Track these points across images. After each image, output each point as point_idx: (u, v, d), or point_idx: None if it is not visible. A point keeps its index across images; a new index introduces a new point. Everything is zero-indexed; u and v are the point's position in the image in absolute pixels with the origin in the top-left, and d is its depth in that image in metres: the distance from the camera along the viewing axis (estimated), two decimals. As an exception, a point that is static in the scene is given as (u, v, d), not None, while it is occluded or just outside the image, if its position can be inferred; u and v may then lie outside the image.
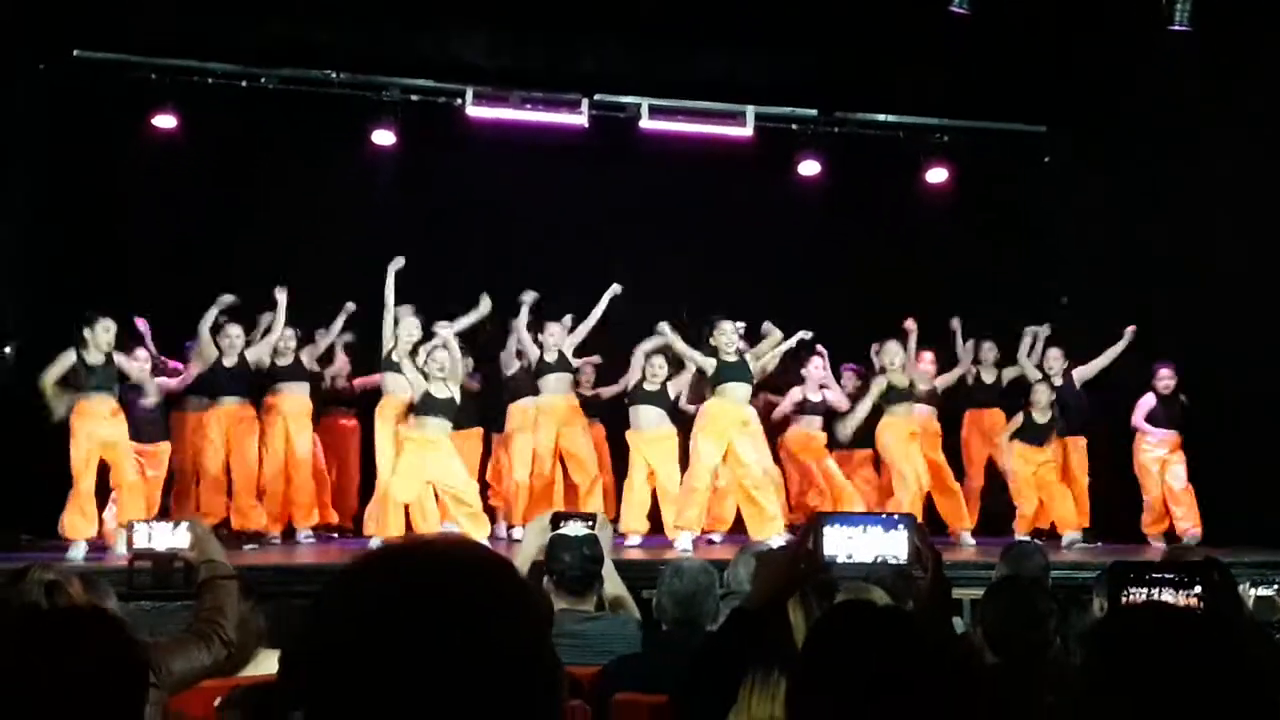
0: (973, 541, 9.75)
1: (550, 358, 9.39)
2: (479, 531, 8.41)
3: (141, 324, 9.25)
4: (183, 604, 3.91)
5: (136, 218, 10.52)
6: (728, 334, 8.85)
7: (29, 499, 8.61)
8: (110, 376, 8.28)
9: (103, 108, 10.10)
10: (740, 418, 8.91)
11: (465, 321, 9.09)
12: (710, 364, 8.90)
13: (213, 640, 3.17)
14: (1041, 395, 9.76)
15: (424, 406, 8.53)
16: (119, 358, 8.41)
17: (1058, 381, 10.03)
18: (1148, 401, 9.80)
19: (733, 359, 8.88)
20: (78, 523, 8.06)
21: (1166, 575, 2.96)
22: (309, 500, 9.39)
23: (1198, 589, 2.91)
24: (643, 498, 9.14)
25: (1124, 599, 2.91)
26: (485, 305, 9.18)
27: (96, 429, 8.19)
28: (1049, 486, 9.83)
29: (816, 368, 9.91)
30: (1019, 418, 9.87)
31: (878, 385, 9.60)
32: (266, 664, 3.68)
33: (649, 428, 9.17)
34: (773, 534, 8.36)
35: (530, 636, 1.16)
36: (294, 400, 9.30)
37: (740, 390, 8.92)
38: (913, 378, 9.68)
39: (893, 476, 9.69)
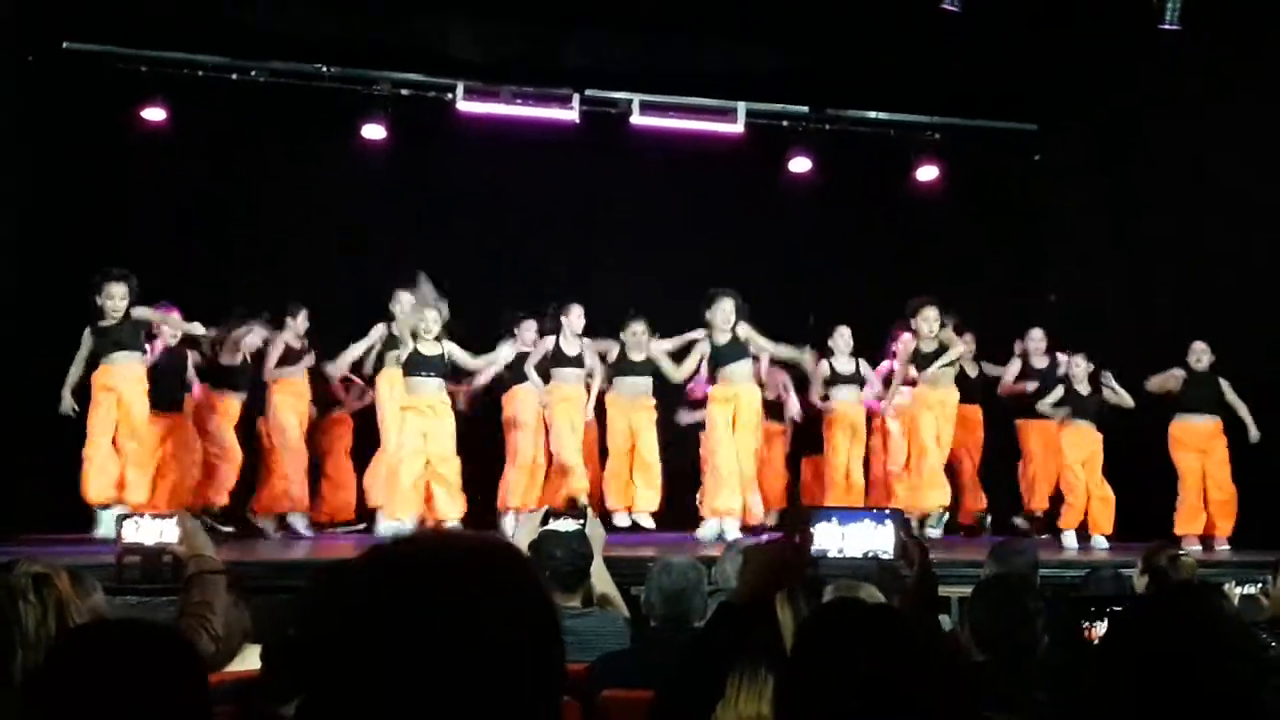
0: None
1: (570, 351, 9.19)
2: (454, 505, 8.44)
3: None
4: (169, 598, 3.88)
5: (125, 210, 10.47)
6: (724, 311, 8.72)
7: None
8: (133, 335, 7.98)
9: (92, 100, 10.03)
10: (741, 398, 8.86)
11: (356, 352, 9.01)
12: (705, 349, 8.83)
13: (200, 635, 3.16)
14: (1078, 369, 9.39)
15: (411, 365, 8.46)
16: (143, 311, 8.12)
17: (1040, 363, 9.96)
18: (1176, 376, 9.20)
19: (726, 338, 8.78)
20: (100, 483, 7.68)
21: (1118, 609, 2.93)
22: (301, 491, 9.41)
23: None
24: (623, 474, 9.06)
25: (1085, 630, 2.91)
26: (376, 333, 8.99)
27: (119, 392, 7.86)
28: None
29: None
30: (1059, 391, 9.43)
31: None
32: (251, 659, 3.66)
33: (631, 394, 9.05)
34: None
35: (525, 626, 1.14)
36: (294, 384, 9.34)
37: (738, 369, 8.85)
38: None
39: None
